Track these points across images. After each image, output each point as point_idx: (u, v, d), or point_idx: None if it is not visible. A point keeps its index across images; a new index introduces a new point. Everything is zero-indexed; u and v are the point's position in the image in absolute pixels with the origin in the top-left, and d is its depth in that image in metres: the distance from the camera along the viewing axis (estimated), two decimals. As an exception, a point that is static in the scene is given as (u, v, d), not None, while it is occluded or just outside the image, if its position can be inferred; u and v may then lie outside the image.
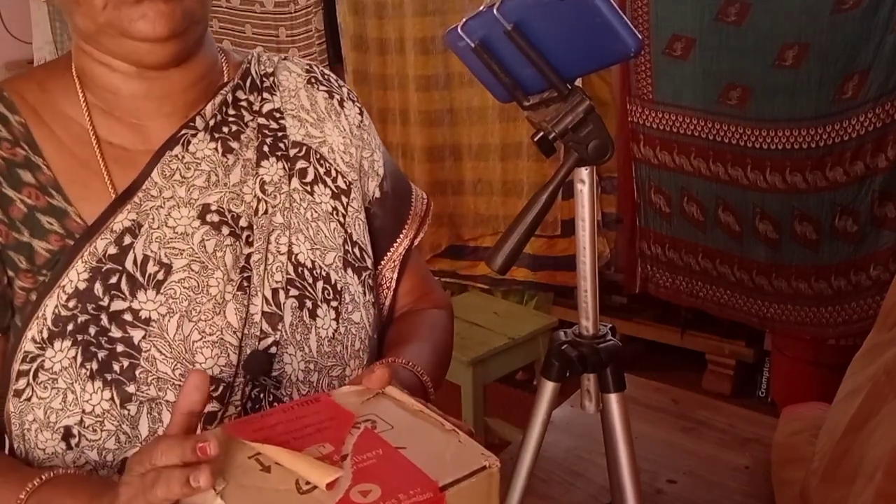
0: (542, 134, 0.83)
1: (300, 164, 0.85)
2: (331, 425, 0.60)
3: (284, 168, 0.83)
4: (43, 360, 0.72)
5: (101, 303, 0.73)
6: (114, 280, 0.73)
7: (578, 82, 1.01)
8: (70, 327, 0.72)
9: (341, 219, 0.86)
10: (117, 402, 0.72)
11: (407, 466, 0.55)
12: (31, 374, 0.72)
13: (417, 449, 0.57)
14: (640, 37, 0.77)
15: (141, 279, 0.74)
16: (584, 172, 0.87)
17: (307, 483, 0.53)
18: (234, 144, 0.82)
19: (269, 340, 0.77)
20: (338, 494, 0.52)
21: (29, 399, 0.73)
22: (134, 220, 0.75)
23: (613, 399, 0.94)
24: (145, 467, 0.56)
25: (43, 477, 0.67)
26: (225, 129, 0.82)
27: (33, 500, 0.66)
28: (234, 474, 0.54)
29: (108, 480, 0.71)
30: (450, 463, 0.56)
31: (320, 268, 0.82)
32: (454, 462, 0.56)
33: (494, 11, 0.80)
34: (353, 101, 0.93)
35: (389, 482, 0.53)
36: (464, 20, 0.85)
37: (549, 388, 0.95)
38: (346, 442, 0.58)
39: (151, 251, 0.75)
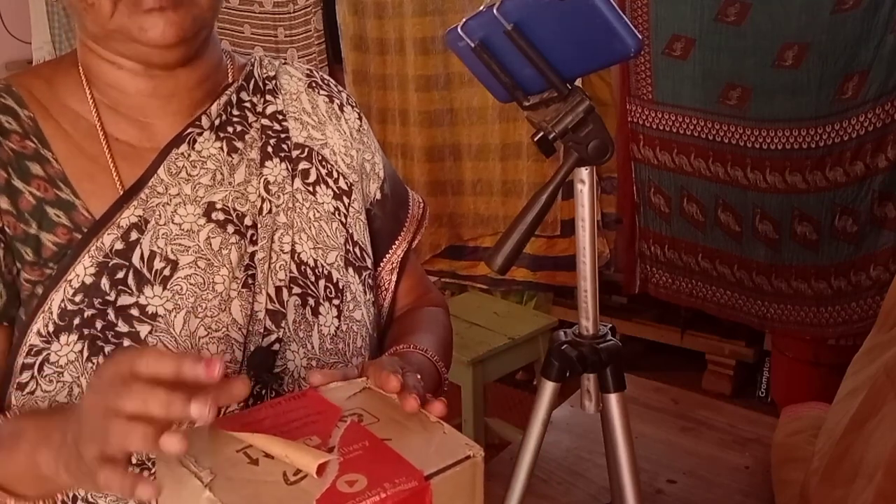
0: (542, 134, 0.83)
1: (303, 165, 0.86)
2: (318, 419, 0.61)
3: (287, 169, 0.84)
4: (48, 354, 0.72)
5: (108, 297, 0.73)
6: (120, 275, 0.74)
7: (578, 82, 1.01)
8: (76, 321, 0.72)
9: (343, 219, 0.87)
10: None
11: (392, 457, 0.56)
12: (36, 367, 0.73)
13: (403, 440, 0.58)
14: (639, 37, 0.77)
15: (147, 275, 0.74)
16: (584, 172, 0.88)
17: (294, 474, 0.54)
18: (239, 144, 0.83)
19: (273, 337, 0.78)
20: (325, 485, 0.53)
21: (33, 392, 0.73)
22: (140, 216, 0.76)
23: (613, 399, 0.94)
24: (122, 373, 0.53)
25: (6, 415, 0.69)
26: (230, 129, 0.83)
27: None
28: (223, 467, 0.54)
29: (67, 403, 0.72)
30: (434, 453, 0.57)
31: (322, 266, 0.83)
32: (439, 452, 0.57)
33: (494, 11, 0.80)
34: (353, 106, 0.95)
35: (375, 472, 0.54)
36: (464, 20, 0.85)
37: (549, 388, 0.95)
38: (333, 435, 0.59)
39: (158, 247, 0.75)
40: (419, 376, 0.69)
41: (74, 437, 0.56)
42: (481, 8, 0.82)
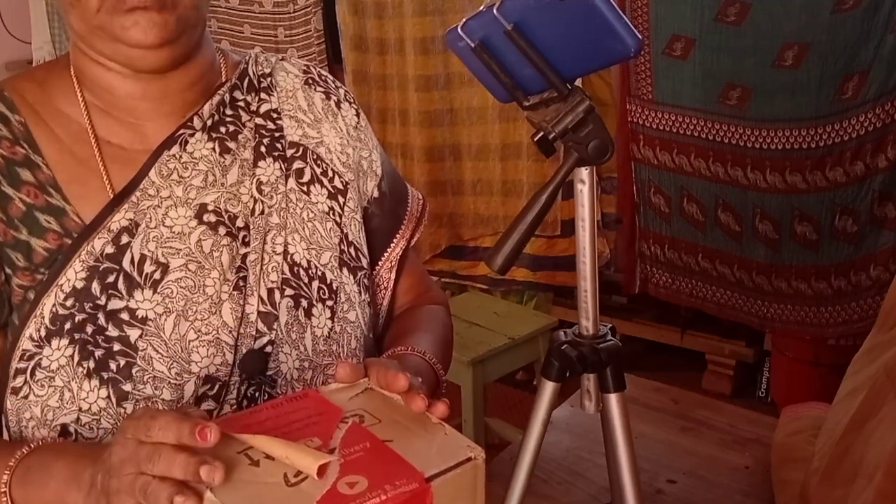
0: (542, 134, 0.83)
1: (297, 165, 0.85)
2: (319, 420, 0.61)
3: (281, 168, 0.83)
4: (40, 359, 0.72)
5: (99, 302, 0.73)
6: (111, 279, 0.74)
7: (578, 82, 1.01)
8: (67, 326, 0.72)
9: (337, 219, 0.86)
10: (113, 400, 0.72)
11: (393, 458, 0.56)
12: (29, 372, 0.73)
13: (404, 442, 0.58)
14: (639, 37, 0.77)
15: (138, 278, 0.74)
16: (584, 172, 0.88)
17: (295, 476, 0.54)
18: (232, 144, 0.82)
19: (265, 340, 0.78)
20: (325, 486, 0.53)
21: (26, 397, 0.73)
22: (131, 220, 0.75)
23: (613, 399, 0.94)
24: (140, 436, 0.57)
25: (31, 445, 0.68)
26: (222, 130, 0.82)
27: (22, 468, 0.67)
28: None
29: (94, 444, 0.72)
30: (436, 455, 0.57)
31: (316, 267, 0.82)
32: (440, 454, 0.57)
33: (494, 11, 0.80)
34: (350, 103, 0.93)
35: (376, 474, 0.54)
36: (464, 20, 0.85)
37: (549, 388, 0.95)
38: (335, 436, 0.59)
39: (148, 250, 0.75)
40: (420, 380, 0.68)
41: (104, 487, 0.59)
42: (481, 8, 0.82)
